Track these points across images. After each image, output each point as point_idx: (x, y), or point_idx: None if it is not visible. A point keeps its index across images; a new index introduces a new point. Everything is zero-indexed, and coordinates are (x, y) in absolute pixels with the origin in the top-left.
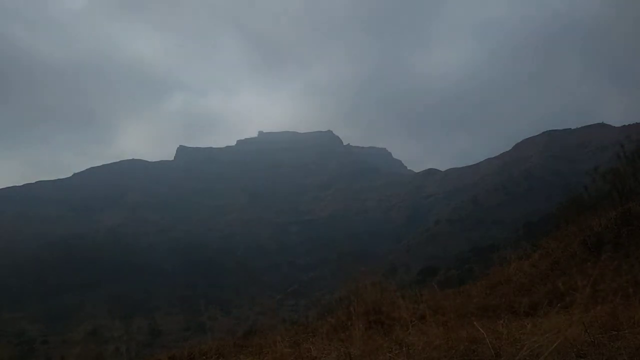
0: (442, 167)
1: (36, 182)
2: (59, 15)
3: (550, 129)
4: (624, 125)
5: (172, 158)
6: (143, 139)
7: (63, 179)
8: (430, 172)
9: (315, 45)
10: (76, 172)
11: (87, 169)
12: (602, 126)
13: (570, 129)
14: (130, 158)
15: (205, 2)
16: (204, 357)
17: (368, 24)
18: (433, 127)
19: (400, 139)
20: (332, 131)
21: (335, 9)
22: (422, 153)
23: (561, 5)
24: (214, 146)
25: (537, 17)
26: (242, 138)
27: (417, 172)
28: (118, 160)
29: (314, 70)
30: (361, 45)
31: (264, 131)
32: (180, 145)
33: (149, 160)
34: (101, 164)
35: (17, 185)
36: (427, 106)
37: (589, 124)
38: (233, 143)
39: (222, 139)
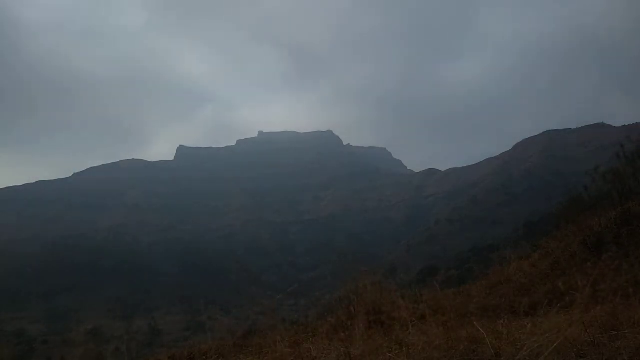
0: (442, 167)
1: (36, 182)
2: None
3: (550, 128)
4: (624, 125)
5: (172, 158)
6: (170, 149)
7: (63, 179)
8: (430, 172)
9: (342, 54)
10: (76, 172)
11: (87, 169)
12: (602, 126)
13: (570, 129)
14: (130, 158)
15: (238, 17)
16: (204, 357)
17: (393, 37)
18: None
19: (402, 141)
20: (332, 131)
21: (365, 22)
22: (422, 153)
23: (584, 20)
24: (213, 146)
25: (556, 31)
26: (242, 138)
27: (417, 172)
28: (118, 160)
29: (338, 77)
30: (386, 55)
31: (264, 131)
32: (180, 145)
33: (149, 160)
34: (101, 164)
35: (17, 185)
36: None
37: (589, 124)
38: (233, 143)
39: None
